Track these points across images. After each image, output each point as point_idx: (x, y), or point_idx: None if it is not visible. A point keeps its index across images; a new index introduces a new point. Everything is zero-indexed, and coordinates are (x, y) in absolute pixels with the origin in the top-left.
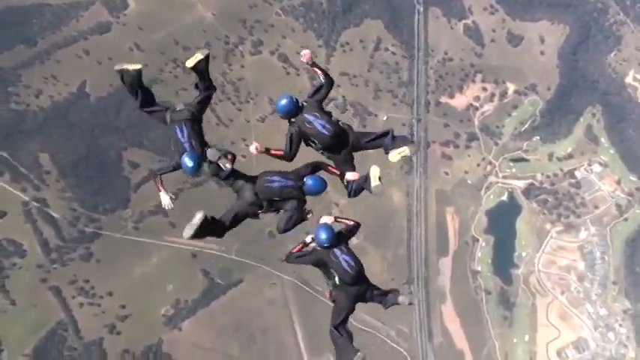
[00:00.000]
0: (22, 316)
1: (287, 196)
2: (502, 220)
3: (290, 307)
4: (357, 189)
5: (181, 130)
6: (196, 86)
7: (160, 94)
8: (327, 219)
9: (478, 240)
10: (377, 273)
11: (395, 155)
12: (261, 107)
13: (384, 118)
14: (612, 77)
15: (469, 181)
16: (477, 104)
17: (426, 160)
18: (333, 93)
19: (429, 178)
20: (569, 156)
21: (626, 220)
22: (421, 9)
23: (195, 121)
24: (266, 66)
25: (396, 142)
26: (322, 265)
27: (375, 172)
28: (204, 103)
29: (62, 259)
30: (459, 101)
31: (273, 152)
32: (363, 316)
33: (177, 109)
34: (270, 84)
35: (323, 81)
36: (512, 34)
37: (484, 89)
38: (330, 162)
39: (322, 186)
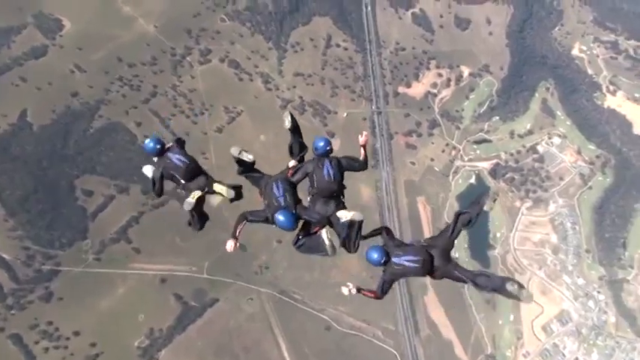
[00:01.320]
0: None
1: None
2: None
3: (270, 320)
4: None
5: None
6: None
7: (108, 114)
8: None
9: None
10: (356, 272)
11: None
12: (218, 117)
13: (345, 115)
14: (559, 51)
15: (436, 168)
16: (435, 91)
17: (391, 151)
18: (289, 95)
19: (396, 169)
20: (530, 132)
21: (590, 188)
22: (368, 1)
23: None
24: (217, 74)
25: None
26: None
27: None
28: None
29: (19, 303)
30: (417, 90)
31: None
32: (347, 319)
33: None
34: (224, 92)
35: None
36: (460, 18)
37: (439, 75)
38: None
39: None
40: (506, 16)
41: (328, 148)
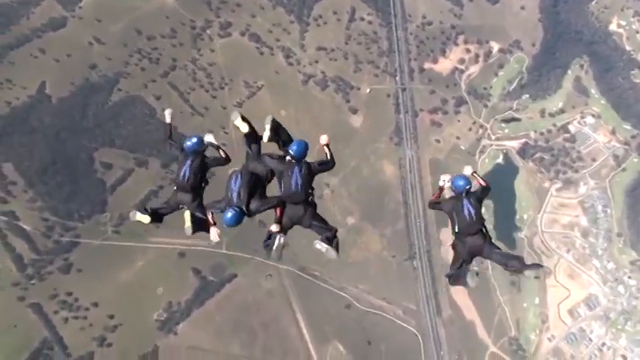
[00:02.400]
0: (1, 340)
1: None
2: (500, 183)
3: (289, 296)
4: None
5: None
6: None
7: (126, 87)
8: (468, 169)
9: None
10: (376, 251)
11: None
12: (237, 92)
13: (368, 91)
14: (596, 26)
15: (462, 147)
16: (462, 67)
17: (416, 129)
18: (311, 70)
19: (421, 147)
20: (561, 111)
21: (624, 170)
22: None
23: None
24: (238, 48)
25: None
26: (450, 212)
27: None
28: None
29: (40, 274)
30: (444, 66)
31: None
32: (367, 297)
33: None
34: (244, 66)
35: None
36: None
37: (468, 51)
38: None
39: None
40: None
41: (302, 154)
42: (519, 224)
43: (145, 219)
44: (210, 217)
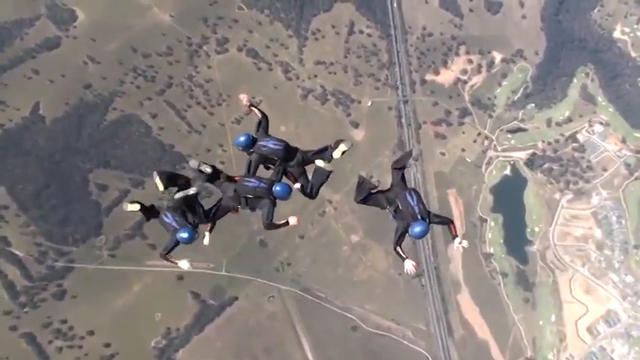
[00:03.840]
0: None
1: (259, 194)
2: (508, 196)
3: (292, 319)
4: (313, 186)
5: (167, 217)
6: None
7: (122, 106)
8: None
9: (486, 220)
10: (382, 269)
11: (337, 153)
12: (236, 108)
13: (369, 104)
14: (600, 33)
15: (468, 159)
16: (465, 78)
17: (419, 142)
18: (310, 85)
19: (425, 160)
20: (568, 120)
21: (637, 179)
22: None
23: (183, 202)
24: (235, 64)
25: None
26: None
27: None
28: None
29: (32, 301)
30: (446, 77)
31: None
32: (374, 318)
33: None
34: (242, 82)
35: (260, 117)
36: (490, 2)
37: (470, 61)
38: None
39: (287, 192)
40: None
41: (284, 198)
42: (530, 237)
43: (135, 207)
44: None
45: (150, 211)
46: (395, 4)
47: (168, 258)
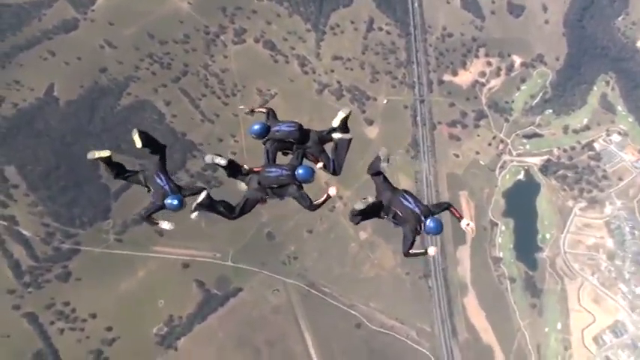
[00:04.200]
0: None
1: (283, 182)
2: (521, 201)
3: (296, 313)
4: (335, 161)
5: (160, 178)
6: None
7: (136, 92)
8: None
9: (497, 224)
10: (389, 268)
11: (335, 121)
12: (250, 99)
13: (385, 102)
14: (623, 42)
15: (481, 162)
16: (483, 80)
17: (434, 142)
18: (326, 79)
19: (438, 161)
20: (586, 127)
21: None
22: None
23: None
24: (251, 55)
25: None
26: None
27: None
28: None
29: (37, 282)
30: (464, 78)
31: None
32: (379, 316)
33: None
34: (258, 73)
35: (266, 111)
36: (513, 4)
37: (489, 64)
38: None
39: (310, 174)
40: (565, 3)
41: (307, 180)
42: (541, 244)
43: (104, 153)
44: (152, 221)
45: (117, 167)
46: (416, 3)
47: (150, 219)
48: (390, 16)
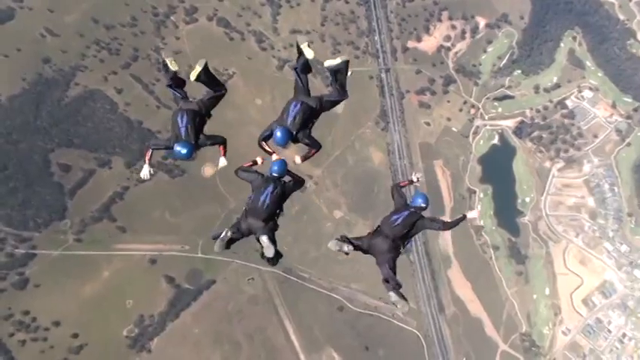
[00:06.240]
0: None
1: (273, 199)
2: (497, 166)
3: (275, 302)
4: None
5: (182, 118)
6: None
7: (85, 82)
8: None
9: (475, 192)
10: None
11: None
12: None
13: (349, 74)
14: None
15: (454, 129)
16: (448, 44)
17: (403, 112)
18: (286, 55)
19: (409, 131)
20: (557, 85)
21: (629, 145)
22: None
23: (198, 114)
24: (205, 34)
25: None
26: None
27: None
28: (213, 100)
29: None
30: (428, 44)
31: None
32: (361, 297)
33: (189, 100)
34: (213, 53)
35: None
36: None
37: (453, 27)
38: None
39: (284, 165)
40: None
41: (282, 173)
42: (522, 208)
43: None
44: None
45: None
46: None
47: (147, 152)
48: None
